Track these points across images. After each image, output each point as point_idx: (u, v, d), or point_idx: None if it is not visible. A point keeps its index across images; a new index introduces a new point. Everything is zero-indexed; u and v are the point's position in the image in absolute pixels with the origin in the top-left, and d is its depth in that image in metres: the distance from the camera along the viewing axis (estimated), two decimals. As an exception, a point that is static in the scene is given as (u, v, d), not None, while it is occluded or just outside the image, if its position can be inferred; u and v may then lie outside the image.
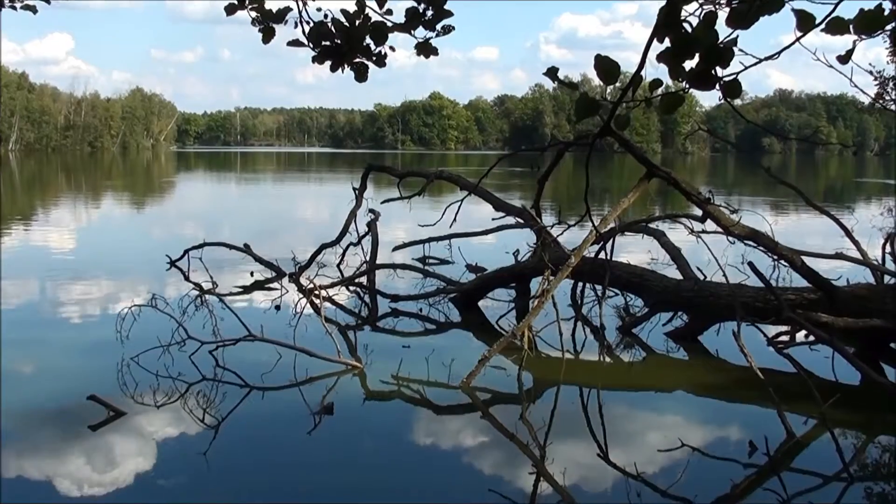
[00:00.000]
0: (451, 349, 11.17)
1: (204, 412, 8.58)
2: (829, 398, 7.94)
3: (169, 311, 10.50)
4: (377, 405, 9.22)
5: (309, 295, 11.69)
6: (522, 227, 14.20)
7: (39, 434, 8.01)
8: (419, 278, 15.23)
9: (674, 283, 11.80)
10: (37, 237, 23.28)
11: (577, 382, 10.03)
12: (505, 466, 7.53)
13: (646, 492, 6.89)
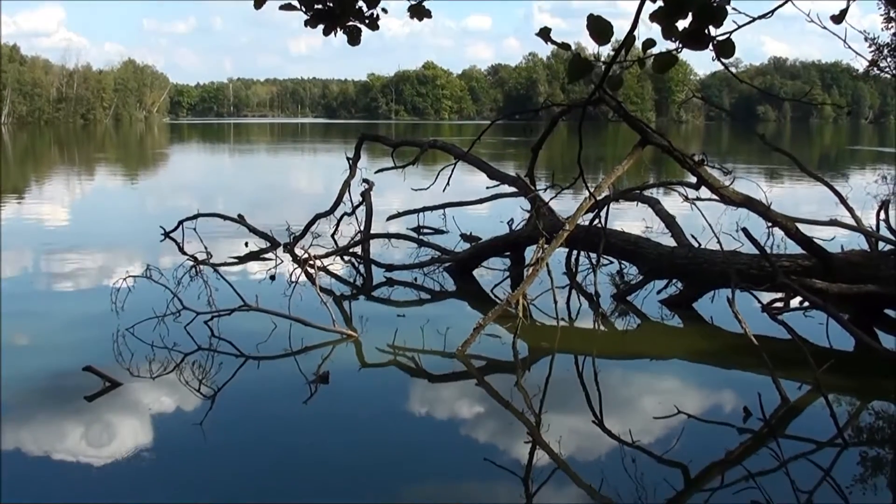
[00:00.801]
0: (446, 318, 11.18)
1: (200, 382, 8.59)
2: (824, 364, 7.95)
3: (163, 281, 10.49)
4: (373, 374, 9.23)
5: (303, 265, 11.68)
6: (517, 196, 14.19)
7: (36, 406, 8.01)
8: (414, 248, 15.22)
9: (668, 251, 11.81)
10: (30, 210, 23.22)
11: (571, 350, 10.04)
12: (500, 434, 7.55)
13: (641, 458, 6.91)
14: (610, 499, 6.11)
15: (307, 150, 64.89)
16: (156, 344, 9.56)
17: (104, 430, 7.44)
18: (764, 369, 8.17)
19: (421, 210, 16.44)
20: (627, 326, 11.40)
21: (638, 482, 6.34)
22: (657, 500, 6.08)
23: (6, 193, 27.91)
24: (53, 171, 40.73)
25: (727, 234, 11.28)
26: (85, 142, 76.49)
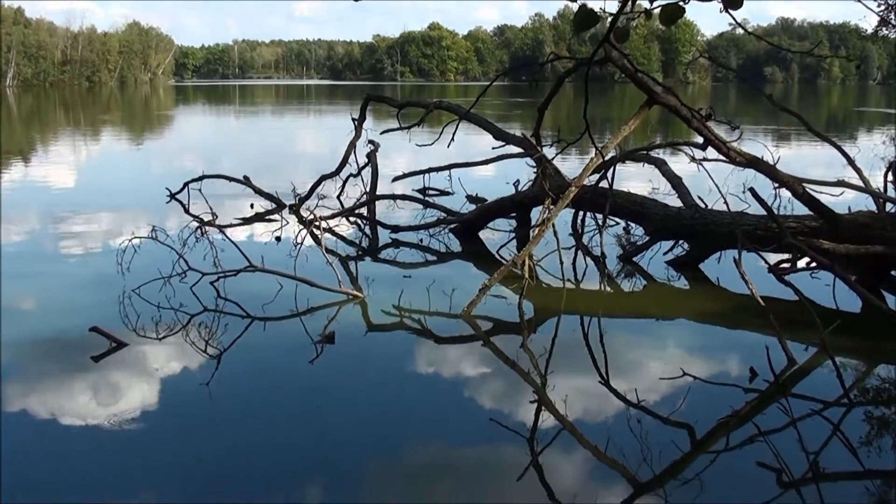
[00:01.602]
0: (452, 279, 11.17)
1: (206, 343, 8.60)
2: (830, 325, 7.94)
3: (169, 243, 10.49)
4: (378, 334, 9.24)
5: (309, 226, 11.66)
6: (522, 157, 14.14)
7: (42, 367, 8.03)
8: (419, 209, 15.19)
9: (675, 212, 11.77)
10: (36, 173, 23.19)
11: (577, 311, 10.04)
12: (506, 395, 7.55)
13: (647, 419, 6.91)
14: (616, 459, 6.11)
15: (312, 112, 64.75)
16: (162, 305, 9.58)
17: (111, 391, 7.45)
18: (770, 330, 8.15)
19: (426, 171, 16.38)
20: (633, 287, 11.39)
21: (644, 442, 6.33)
22: (663, 460, 6.07)
23: (12, 156, 27.88)
24: (59, 133, 40.66)
25: (734, 196, 11.23)
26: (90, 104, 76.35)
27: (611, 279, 11.37)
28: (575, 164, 16.49)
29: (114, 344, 8.35)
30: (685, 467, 6.08)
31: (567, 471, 6.08)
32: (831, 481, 5.23)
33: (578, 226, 12.24)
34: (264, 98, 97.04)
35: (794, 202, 11.29)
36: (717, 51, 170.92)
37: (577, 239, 12.09)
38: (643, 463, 6.01)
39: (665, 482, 5.83)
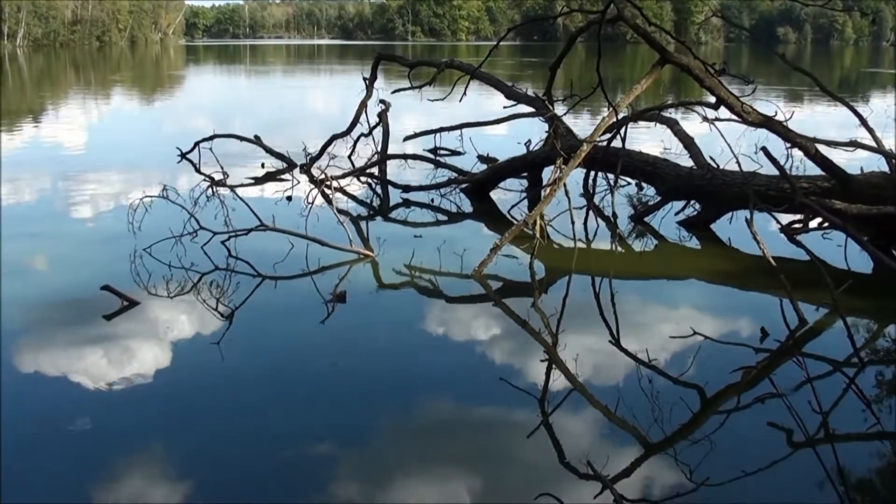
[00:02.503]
0: (463, 239, 11.16)
1: (217, 302, 8.62)
2: (842, 285, 7.92)
3: (180, 202, 10.49)
4: (389, 294, 9.24)
5: (320, 185, 11.63)
6: (534, 117, 14.06)
7: (54, 325, 8.06)
8: (430, 169, 15.15)
9: (686, 171, 11.72)
10: (47, 133, 23.18)
11: (588, 271, 10.03)
12: (516, 355, 7.55)
13: (657, 379, 6.91)
14: (626, 419, 6.12)
15: (323, 72, 64.53)
16: (173, 264, 9.60)
17: (122, 349, 7.47)
18: (781, 291, 8.14)
19: (438, 131, 16.32)
20: (645, 247, 11.37)
21: (654, 402, 6.34)
22: (673, 420, 6.08)
23: (23, 116, 27.87)
24: (70, 93, 40.60)
25: (746, 156, 11.17)
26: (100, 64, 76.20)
27: (622, 239, 11.35)
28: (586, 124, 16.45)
29: (125, 303, 8.37)
30: (695, 427, 6.09)
31: (577, 430, 6.09)
32: (842, 441, 5.23)
33: (590, 186, 12.21)
34: (275, 58, 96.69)
35: (805, 163, 11.23)
36: (729, 11, 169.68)
37: (589, 199, 12.06)
38: (653, 423, 6.02)
39: (675, 442, 5.84)
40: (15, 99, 35.59)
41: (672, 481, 5.31)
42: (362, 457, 5.65)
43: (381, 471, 5.43)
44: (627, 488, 5.11)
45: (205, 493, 5.13)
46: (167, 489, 5.14)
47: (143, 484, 5.21)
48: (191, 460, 5.56)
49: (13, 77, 52.94)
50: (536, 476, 5.19)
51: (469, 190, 13.70)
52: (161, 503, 4.99)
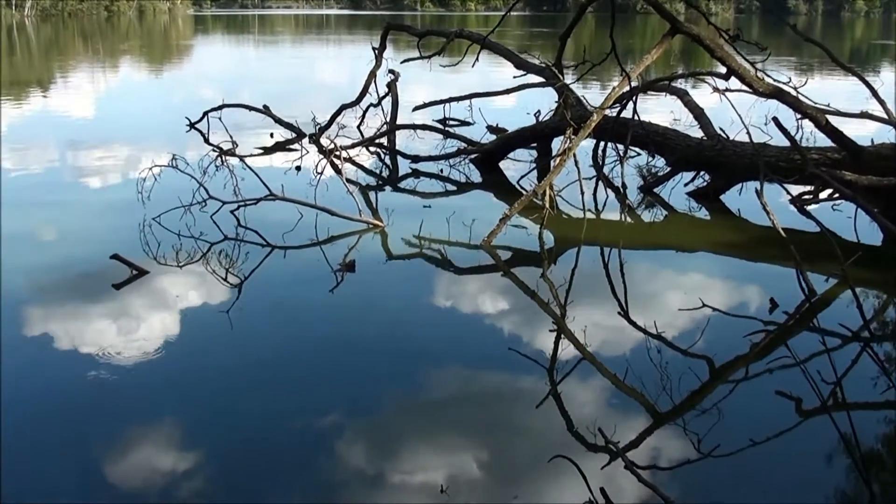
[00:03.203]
0: (472, 209, 11.14)
1: (226, 271, 8.63)
2: (851, 257, 7.90)
3: (189, 172, 10.48)
4: (398, 264, 9.24)
5: (329, 155, 11.62)
6: (544, 87, 14.01)
7: (63, 294, 8.10)
8: (439, 139, 15.11)
9: (696, 142, 11.69)
10: (56, 103, 23.16)
11: (598, 242, 10.03)
12: (525, 325, 7.56)
13: (666, 350, 6.91)
14: (634, 389, 6.12)
15: (332, 42, 64.34)
16: (182, 233, 9.60)
17: (131, 318, 7.49)
18: (791, 262, 8.12)
19: (447, 101, 16.25)
20: (654, 218, 11.35)
21: (663, 373, 6.35)
22: (682, 390, 6.09)
23: (32, 86, 27.85)
24: (78, 63, 40.52)
25: (756, 127, 11.14)
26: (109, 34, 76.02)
27: (631, 210, 11.33)
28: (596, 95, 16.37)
29: (135, 272, 8.39)
30: (704, 397, 6.09)
31: (586, 400, 6.10)
32: (850, 411, 5.22)
33: (599, 156, 12.17)
34: (284, 27, 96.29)
35: (816, 135, 11.20)
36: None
37: (598, 169, 12.03)
38: (662, 393, 6.03)
39: (684, 412, 5.85)
40: (23, 69, 35.55)
41: (681, 451, 5.32)
42: (371, 426, 5.66)
43: (390, 440, 5.44)
44: (636, 457, 5.12)
45: (213, 461, 5.15)
46: (175, 457, 5.16)
47: (151, 452, 5.24)
48: (199, 429, 5.58)
49: (21, 47, 52.86)
50: (545, 445, 5.19)
51: (478, 160, 13.68)
52: (170, 471, 5.00)
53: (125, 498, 4.76)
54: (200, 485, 4.87)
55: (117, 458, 5.16)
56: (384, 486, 4.90)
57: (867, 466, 4.96)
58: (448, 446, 5.39)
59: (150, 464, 5.10)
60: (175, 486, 4.86)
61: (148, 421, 5.63)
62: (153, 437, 5.43)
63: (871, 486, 4.63)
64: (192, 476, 4.96)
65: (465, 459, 5.19)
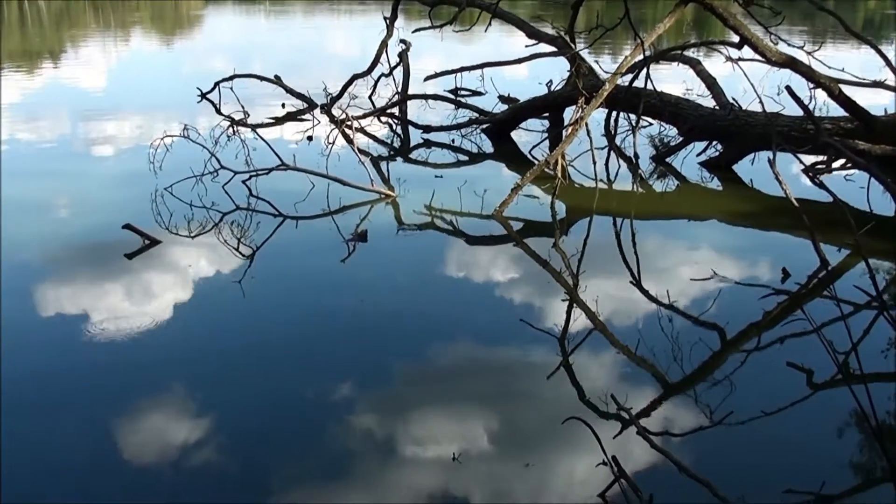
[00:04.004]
0: (484, 179, 11.13)
1: (238, 241, 8.64)
2: (864, 227, 7.86)
3: (201, 141, 10.47)
4: (410, 234, 9.23)
5: (341, 126, 11.62)
6: (556, 56, 13.95)
7: (75, 263, 8.11)
8: (451, 109, 15.09)
9: (709, 112, 11.65)
10: (67, 74, 23.11)
11: (610, 212, 10.01)
12: (537, 295, 7.55)
13: (677, 320, 6.91)
14: (646, 359, 6.12)
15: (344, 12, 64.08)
16: (194, 203, 9.60)
17: (143, 288, 7.51)
18: (803, 231, 8.09)
19: (458, 71, 16.18)
20: (666, 188, 11.32)
21: (674, 343, 6.35)
22: (693, 361, 6.09)
23: (43, 57, 27.83)
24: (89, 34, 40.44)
25: (768, 97, 11.09)
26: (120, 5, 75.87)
27: (643, 180, 11.30)
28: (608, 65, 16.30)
29: (146, 241, 8.40)
30: (715, 368, 6.10)
31: (597, 370, 6.10)
32: (861, 383, 5.21)
33: (612, 126, 12.13)
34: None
35: (828, 105, 11.14)
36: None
37: (610, 139, 12.01)
38: (673, 363, 6.04)
39: (695, 382, 5.85)
40: (34, 40, 35.50)
41: (692, 420, 5.33)
42: (382, 395, 5.67)
43: (401, 410, 5.45)
44: (647, 426, 5.12)
45: (224, 430, 5.16)
46: (187, 426, 5.18)
47: (163, 420, 5.26)
48: (210, 398, 5.59)
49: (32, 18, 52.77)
50: (557, 415, 5.20)
51: (490, 130, 13.65)
52: (181, 440, 5.02)
53: (136, 466, 4.78)
54: (211, 454, 4.89)
55: (128, 426, 5.18)
56: (396, 455, 4.92)
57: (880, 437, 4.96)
58: (460, 416, 5.40)
59: (162, 433, 5.11)
60: (186, 455, 4.88)
61: (159, 390, 5.64)
62: (165, 406, 5.45)
63: (887, 456, 4.62)
64: (203, 445, 4.98)
65: (476, 429, 5.21)
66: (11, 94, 18.15)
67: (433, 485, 4.60)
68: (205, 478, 4.66)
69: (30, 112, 16.05)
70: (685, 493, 4.45)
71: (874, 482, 4.81)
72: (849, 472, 4.84)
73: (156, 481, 4.63)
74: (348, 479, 4.65)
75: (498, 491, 4.57)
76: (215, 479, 4.66)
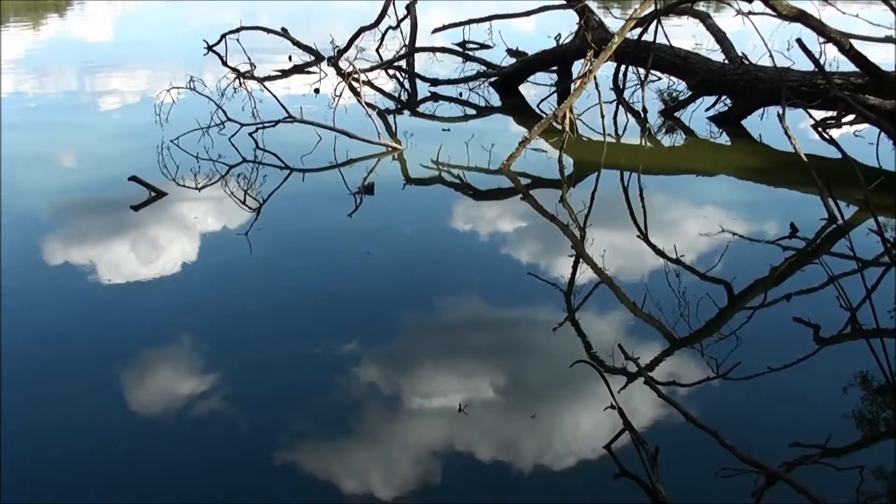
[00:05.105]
0: (492, 133, 11.08)
1: (245, 193, 8.62)
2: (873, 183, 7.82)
3: (207, 93, 10.44)
4: (417, 187, 9.21)
5: (348, 78, 11.56)
6: (565, 9, 13.85)
7: (82, 215, 8.12)
8: (459, 62, 15.01)
9: (718, 66, 11.58)
10: (73, 27, 23.05)
11: (617, 166, 9.97)
12: (544, 249, 7.54)
13: (685, 275, 6.88)
14: (652, 314, 6.11)
15: (351, -36, 63.65)
16: (200, 156, 9.59)
17: (150, 239, 7.51)
18: (811, 187, 8.06)
19: (466, 23, 16.08)
20: (674, 143, 11.28)
21: (681, 298, 6.32)
22: (699, 315, 6.06)
23: (48, 10, 27.70)
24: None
25: (779, 52, 11.01)
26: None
27: (651, 134, 11.24)
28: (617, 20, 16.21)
29: (153, 193, 8.40)
30: (722, 323, 6.07)
31: (603, 324, 6.09)
32: (869, 338, 5.20)
33: (620, 80, 12.06)
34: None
35: (839, 61, 11.06)
36: None
37: (619, 93, 11.94)
38: (680, 318, 6.01)
39: (701, 337, 5.83)
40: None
41: (698, 374, 5.32)
42: (388, 348, 5.67)
43: (407, 360, 5.45)
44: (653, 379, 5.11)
45: (232, 382, 5.16)
46: (193, 379, 5.18)
47: (169, 373, 5.26)
48: (216, 350, 5.58)
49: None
50: (563, 367, 5.20)
51: (498, 83, 13.60)
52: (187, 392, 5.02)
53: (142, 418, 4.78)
54: (217, 406, 4.90)
55: (135, 378, 5.18)
56: (402, 407, 4.92)
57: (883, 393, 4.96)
58: (466, 368, 5.40)
59: (168, 385, 5.12)
60: (192, 407, 4.88)
61: (166, 342, 5.64)
62: (171, 358, 5.45)
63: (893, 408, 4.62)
64: (209, 397, 4.98)
65: (482, 381, 5.21)
66: (17, 49, 18.11)
67: (439, 436, 4.61)
68: (211, 430, 4.66)
69: (35, 66, 16.00)
70: (690, 445, 4.46)
71: (879, 436, 4.81)
72: (854, 427, 4.83)
73: (162, 433, 4.63)
74: (354, 431, 4.65)
75: (503, 441, 4.57)
76: (222, 431, 4.66)
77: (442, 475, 4.29)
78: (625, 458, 4.38)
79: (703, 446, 4.32)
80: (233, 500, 4.11)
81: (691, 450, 4.46)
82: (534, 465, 4.38)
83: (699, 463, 4.36)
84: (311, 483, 4.21)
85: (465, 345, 5.76)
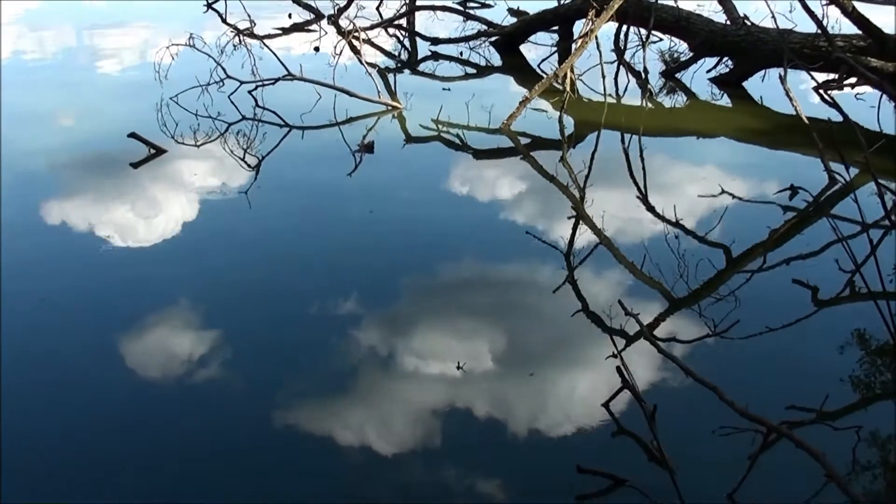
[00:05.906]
0: (492, 92, 11.06)
1: (244, 151, 8.61)
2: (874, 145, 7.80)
3: (207, 51, 10.40)
4: (417, 147, 9.18)
5: (348, 37, 11.50)
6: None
7: (82, 172, 8.11)
8: (459, 21, 14.93)
9: (720, 27, 11.52)
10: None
11: (618, 127, 9.95)
12: (543, 209, 7.54)
13: (684, 236, 6.88)
14: (651, 275, 6.11)
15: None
16: (200, 113, 9.56)
17: (149, 197, 7.50)
18: (812, 150, 8.05)
19: (468, -18, 16.07)
20: (675, 104, 11.25)
21: (680, 259, 6.32)
22: (698, 277, 6.07)
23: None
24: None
25: (780, 14, 10.94)
26: None
27: (652, 95, 11.20)
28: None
29: (152, 150, 8.38)
30: (721, 284, 6.07)
31: (603, 285, 6.09)
32: (867, 300, 5.21)
33: (621, 40, 12.00)
34: None
35: (840, 23, 11.00)
36: None
37: (620, 54, 11.89)
38: (679, 279, 6.01)
39: (700, 298, 5.83)
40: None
41: (696, 333, 5.33)
42: (387, 306, 5.69)
43: (406, 320, 5.46)
44: (652, 339, 5.12)
45: (231, 343, 5.16)
46: (192, 339, 5.18)
47: (168, 333, 5.26)
48: (216, 308, 5.59)
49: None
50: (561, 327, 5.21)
51: (498, 43, 13.54)
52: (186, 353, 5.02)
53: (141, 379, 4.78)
54: (216, 367, 4.90)
55: (134, 339, 5.19)
56: (400, 366, 4.93)
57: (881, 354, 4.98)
58: (465, 329, 5.41)
59: (167, 345, 5.11)
60: (192, 368, 4.89)
61: (163, 301, 5.63)
62: (170, 317, 5.45)
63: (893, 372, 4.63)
64: (209, 358, 4.99)
65: (481, 340, 5.22)
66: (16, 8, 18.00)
67: (437, 394, 4.62)
68: (210, 390, 4.67)
69: (32, 24, 15.92)
70: (688, 405, 4.48)
71: (875, 398, 4.82)
72: (850, 389, 4.85)
73: (161, 393, 4.64)
74: (353, 390, 4.67)
75: (502, 399, 4.59)
76: (221, 391, 4.67)
77: (440, 432, 4.31)
78: (623, 418, 4.40)
79: (701, 406, 4.35)
80: (233, 459, 4.13)
81: (689, 409, 4.48)
82: (532, 422, 4.39)
83: (698, 421, 4.38)
84: (310, 440, 4.23)
85: (465, 304, 5.78)
